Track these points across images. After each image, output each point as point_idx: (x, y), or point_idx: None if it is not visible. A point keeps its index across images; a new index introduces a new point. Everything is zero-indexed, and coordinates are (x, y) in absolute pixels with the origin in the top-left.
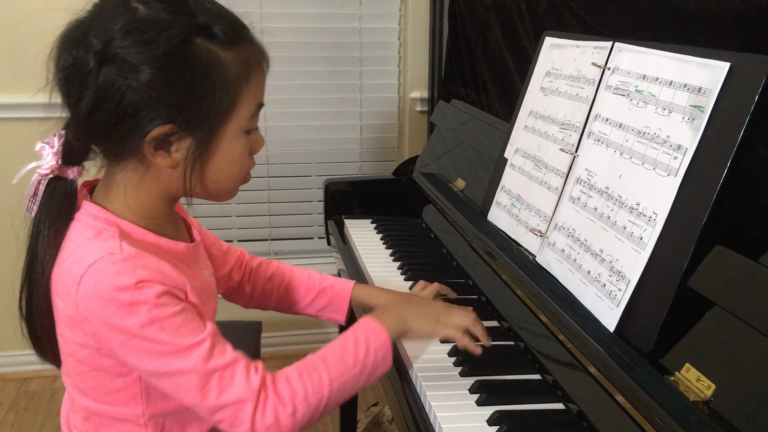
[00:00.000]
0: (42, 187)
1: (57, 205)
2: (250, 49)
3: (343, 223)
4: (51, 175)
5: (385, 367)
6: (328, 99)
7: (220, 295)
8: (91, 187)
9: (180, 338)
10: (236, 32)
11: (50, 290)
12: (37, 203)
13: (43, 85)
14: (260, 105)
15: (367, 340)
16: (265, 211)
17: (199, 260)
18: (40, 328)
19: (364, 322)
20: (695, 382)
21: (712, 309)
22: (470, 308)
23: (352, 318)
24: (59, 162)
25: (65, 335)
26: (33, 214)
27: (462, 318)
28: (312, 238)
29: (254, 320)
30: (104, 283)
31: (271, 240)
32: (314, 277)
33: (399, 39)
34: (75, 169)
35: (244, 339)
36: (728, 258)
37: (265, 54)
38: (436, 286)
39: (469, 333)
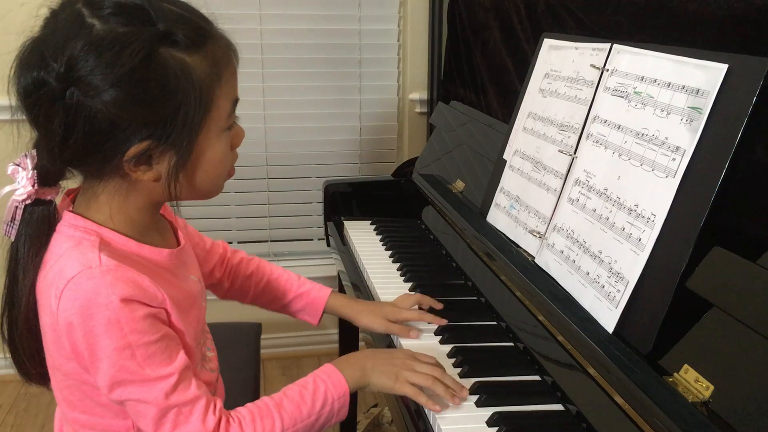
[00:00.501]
0: (19, 212)
1: (36, 229)
2: (217, 46)
3: (342, 224)
4: (28, 201)
5: (340, 417)
6: (327, 101)
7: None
8: (75, 196)
9: (147, 369)
10: (200, 33)
11: (34, 309)
12: (16, 228)
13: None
14: (236, 100)
15: (326, 391)
16: (264, 213)
17: (186, 265)
18: (23, 352)
19: (326, 371)
20: (694, 383)
21: (711, 310)
22: (434, 361)
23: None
24: (35, 186)
25: (51, 350)
26: (12, 238)
27: (423, 378)
28: (311, 240)
29: (254, 321)
30: (83, 300)
31: (271, 241)
32: (292, 280)
33: (398, 41)
34: (52, 189)
35: (244, 340)
36: (726, 259)
37: (233, 46)
38: (416, 297)
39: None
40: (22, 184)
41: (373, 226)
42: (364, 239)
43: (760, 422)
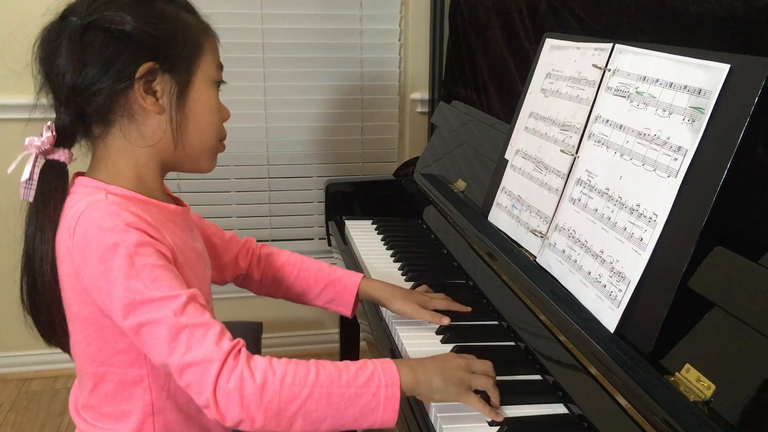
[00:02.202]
0: (37, 170)
1: (53, 188)
2: (205, 21)
3: (343, 223)
4: (46, 148)
5: (387, 416)
6: (328, 100)
7: (229, 286)
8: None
9: (155, 290)
10: (192, 7)
11: (55, 267)
12: (34, 187)
13: (33, 86)
14: (220, 65)
15: (375, 371)
16: (265, 212)
17: (191, 230)
18: (44, 310)
19: (381, 360)
20: (695, 382)
21: (712, 310)
22: (488, 363)
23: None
24: (54, 134)
25: (69, 298)
26: (30, 199)
27: (484, 381)
28: (313, 239)
29: (255, 321)
30: (92, 227)
31: (272, 241)
32: (324, 268)
33: (399, 40)
34: (66, 152)
35: (245, 340)
36: (728, 259)
37: (215, 33)
38: (441, 295)
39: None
40: (44, 135)
41: (375, 226)
42: (366, 239)
43: (761, 422)
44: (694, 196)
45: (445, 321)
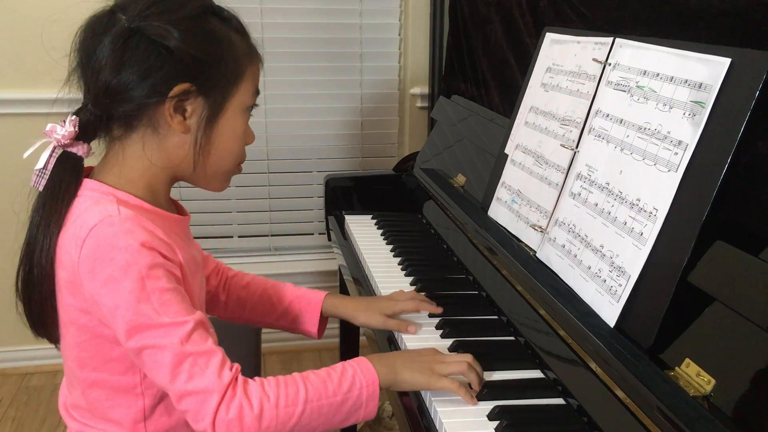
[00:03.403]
0: (53, 161)
1: (65, 180)
2: (253, 44)
3: (343, 218)
4: (65, 142)
5: (369, 411)
6: (328, 95)
7: None
8: (89, 173)
9: (163, 315)
10: (243, 26)
11: (53, 263)
12: (46, 177)
13: (58, 80)
14: (257, 91)
15: (354, 375)
16: (265, 207)
17: (190, 238)
18: (37, 301)
19: (357, 360)
20: (695, 377)
21: (713, 304)
22: (467, 355)
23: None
24: (76, 129)
25: (67, 303)
26: (40, 188)
27: (457, 365)
28: (312, 234)
29: None
30: (104, 244)
31: (272, 236)
32: (288, 287)
33: (399, 35)
34: (85, 146)
35: (244, 334)
36: (729, 253)
37: (262, 58)
38: (411, 293)
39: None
40: (65, 128)
41: (375, 221)
42: (366, 233)
43: (761, 416)
44: (695, 190)
45: (412, 330)
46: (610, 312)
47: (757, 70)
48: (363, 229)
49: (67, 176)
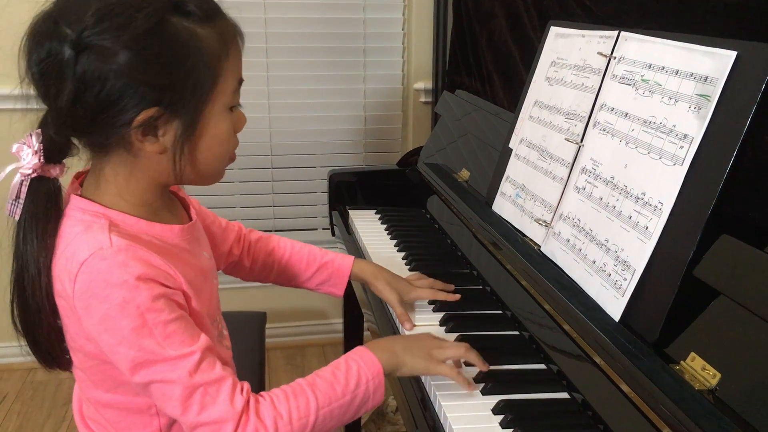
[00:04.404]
0: (24, 189)
1: (42, 207)
2: (225, 24)
3: (347, 213)
4: (33, 175)
5: (377, 400)
6: (331, 90)
7: (221, 275)
8: (82, 180)
9: (168, 348)
10: (211, 8)
11: (48, 291)
12: (20, 206)
13: (19, 77)
14: (240, 80)
15: (359, 370)
16: (269, 202)
17: (198, 241)
18: (41, 336)
19: (358, 352)
20: (700, 371)
21: (718, 298)
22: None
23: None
24: (41, 160)
25: (71, 332)
26: (16, 218)
27: (455, 350)
28: (316, 229)
29: (259, 311)
30: (98, 281)
31: (275, 231)
32: (315, 251)
33: (403, 29)
34: (57, 167)
35: (249, 329)
36: (734, 247)
37: (239, 29)
38: (430, 280)
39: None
40: (28, 159)
41: (378, 216)
42: (369, 228)
43: (767, 410)
44: (700, 184)
45: (407, 327)
46: (615, 306)
47: (764, 64)
48: (367, 224)
49: (42, 204)
